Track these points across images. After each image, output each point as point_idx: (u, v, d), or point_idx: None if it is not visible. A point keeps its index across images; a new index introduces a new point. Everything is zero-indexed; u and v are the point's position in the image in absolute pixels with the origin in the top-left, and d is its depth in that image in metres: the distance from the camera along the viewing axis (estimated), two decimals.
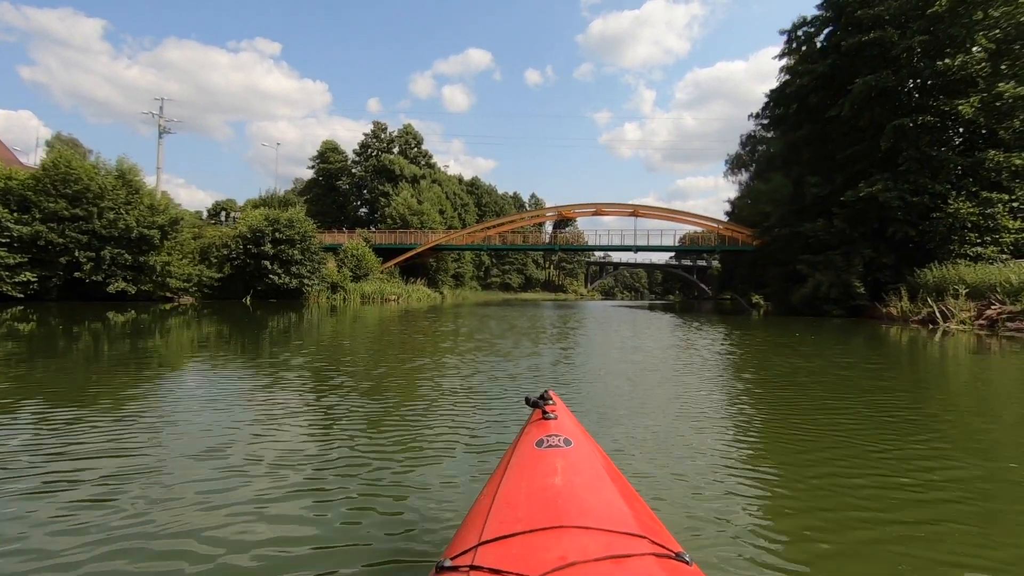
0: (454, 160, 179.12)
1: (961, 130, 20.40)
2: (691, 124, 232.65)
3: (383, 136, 59.28)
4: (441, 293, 44.77)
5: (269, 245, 27.43)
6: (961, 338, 12.30)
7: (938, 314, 14.74)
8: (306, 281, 28.86)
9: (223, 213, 50.80)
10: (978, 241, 18.16)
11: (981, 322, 13.80)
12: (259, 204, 35.91)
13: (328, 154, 60.34)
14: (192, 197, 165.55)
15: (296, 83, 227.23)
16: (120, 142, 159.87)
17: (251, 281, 27.64)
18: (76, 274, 20.92)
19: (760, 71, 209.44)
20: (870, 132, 20.69)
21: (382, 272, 37.82)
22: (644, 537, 1.00)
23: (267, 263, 27.37)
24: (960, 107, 17.49)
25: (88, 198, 20.85)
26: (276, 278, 27.54)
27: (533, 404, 1.72)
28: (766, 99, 44.34)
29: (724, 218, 43.48)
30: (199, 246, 27.19)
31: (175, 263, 23.23)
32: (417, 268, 43.50)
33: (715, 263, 75.19)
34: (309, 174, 61.33)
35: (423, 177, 58.26)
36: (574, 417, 1.74)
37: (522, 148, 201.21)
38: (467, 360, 7.05)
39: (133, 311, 17.29)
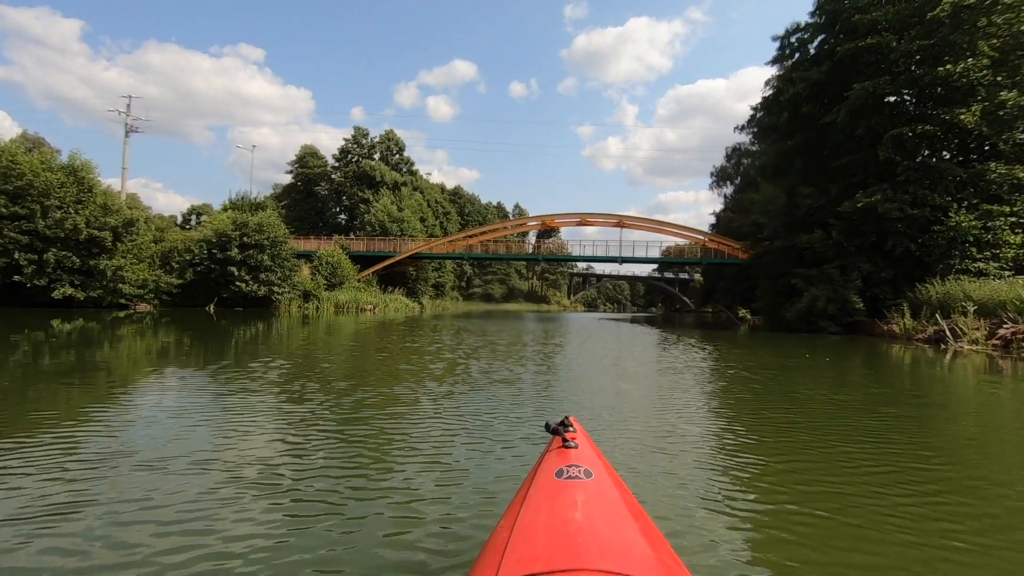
0: (438, 170, 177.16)
1: (957, 141, 19.76)
2: (672, 139, 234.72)
3: (364, 142, 57.75)
4: (420, 303, 43.31)
5: (236, 250, 25.90)
6: (976, 360, 11.37)
7: (948, 333, 13.80)
8: (276, 289, 27.36)
9: (194, 217, 48.88)
10: (980, 256, 17.40)
11: (994, 342, 12.89)
12: (230, 207, 34.14)
13: (307, 159, 58.71)
14: (171, 202, 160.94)
15: (279, 89, 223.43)
16: (96, 145, 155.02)
17: (216, 288, 26.08)
18: (16, 277, 19.13)
19: (740, 89, 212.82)
20: (866, 141, 19.93)
21: (359, 280, 36.42)
22: None
23: (233, 269, 25.83)
24: (962, 116, 16.77)
25: (32, 195, 19.14)
26: (243, 285, 26.01)
27: (553, 431, 1.65)
28: (752, 111, 44.32)
29: (707, 231, 42.81)
30: (160, 250, 25.53)
31: (129, 267, 21.48)
32: (396, 277, 42.14)
33: (697, 276, 75.01)
34: (289, 180, 59.56)
35: (404, 184, 56.83)
36: (595, 446, 1.68)
37: (506, 160, 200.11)
38: (425, 389, 5.76)
39: (81, 319, 16.05)
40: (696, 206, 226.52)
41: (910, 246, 18.14)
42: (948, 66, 16.92)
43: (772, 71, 26.44)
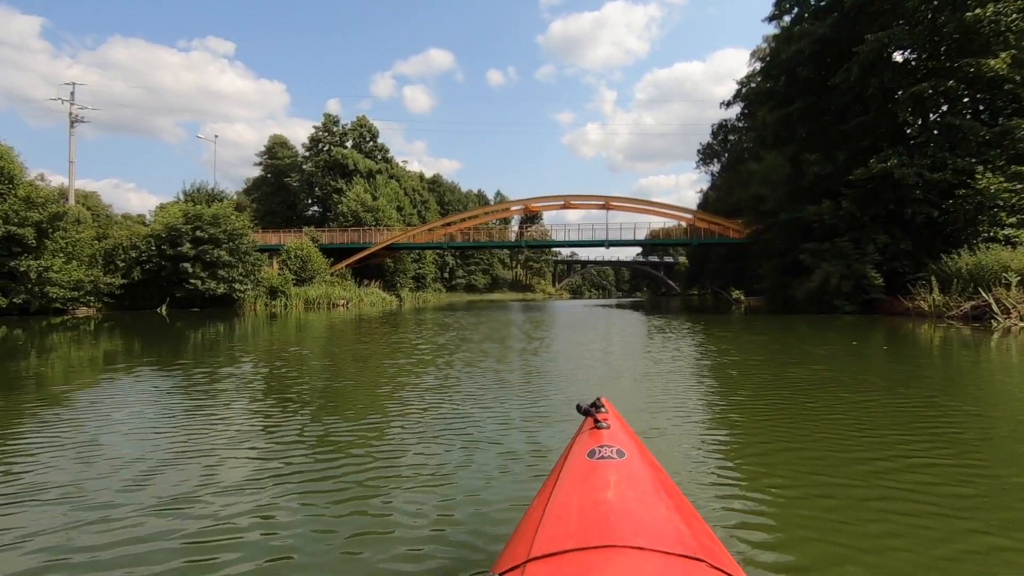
0: (417, 161, 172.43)
1: (969, 98, 18.02)
2: (651, 124, 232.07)
3: (335, 129, 54.91)
4: (398, 296, 41.06)
5: (188, 245, 23.47)
6: None
7: (996, 308, 12.11)
8: (237, 286, 25.00)
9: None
10: (1008, 222, 15.77)
11: None
12: (188, 199, 31.43)
13: (276, 149, 55.81)
14: (145, 202, 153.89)
15: (252, 83, 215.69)
16: (60, 146, 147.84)
17: (168, 287, 23.67)
18: None
19: (717, 72, 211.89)
20: (876, 102, 18.17)
21: (332, 274, 34.12)
22: (702, 560, 0.93)
23: (187, 266, 23.42)
24: (991, 63, 14.98)
25: None
26: (199, 283, 23.64)
27: (585, 412, 1.60)
28: (738, 86, 42.54)
29: (696, 210, 41.06)
30: (103, 248, 22.99)
31: (57, 267, 18.96)
32: (373, 270, 39.86)
33: (682, 259, 73.60)
34: (259, 172, 56.64)
35: (379, 172, 54.18)
36: (628, 426, 1.64)
37: (486, 149, 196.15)
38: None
39: (4, 327, 14.07)
40: (677, 190, 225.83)
41: (932, 213, 16.45)
42: (977, 11, 15.07)
43: (757, 43, 24.63)
